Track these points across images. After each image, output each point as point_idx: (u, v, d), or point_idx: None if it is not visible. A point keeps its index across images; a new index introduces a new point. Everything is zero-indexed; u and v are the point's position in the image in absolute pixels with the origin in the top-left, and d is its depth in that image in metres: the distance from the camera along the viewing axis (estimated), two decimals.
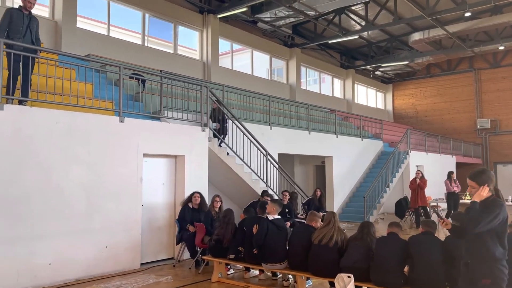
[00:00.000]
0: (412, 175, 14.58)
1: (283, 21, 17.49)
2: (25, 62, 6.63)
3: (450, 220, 4.43)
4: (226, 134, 10.20)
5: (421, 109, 27.32)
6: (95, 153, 7.09)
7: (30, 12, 6.90)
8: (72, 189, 6.78)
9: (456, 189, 13.11)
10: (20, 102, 6.63)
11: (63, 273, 6.57)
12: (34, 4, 6.91)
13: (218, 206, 8.08)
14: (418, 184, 13.01)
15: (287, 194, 9.81)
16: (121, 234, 7.36)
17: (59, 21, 12.14)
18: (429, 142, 20.00)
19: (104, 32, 13.54)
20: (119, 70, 7.82)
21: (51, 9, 12.32)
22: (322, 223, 5.96)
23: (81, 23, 12.72)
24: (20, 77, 6.62)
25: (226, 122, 10.26)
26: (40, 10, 12.19)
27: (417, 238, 5.08)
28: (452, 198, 13.04)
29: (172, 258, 8.38)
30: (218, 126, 9.87)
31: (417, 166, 17.54)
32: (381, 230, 9.30)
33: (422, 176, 13.20)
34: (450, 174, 13.40)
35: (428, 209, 13.38)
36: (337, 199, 15.29)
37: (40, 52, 7.26)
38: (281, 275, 6.69)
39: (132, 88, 9.92)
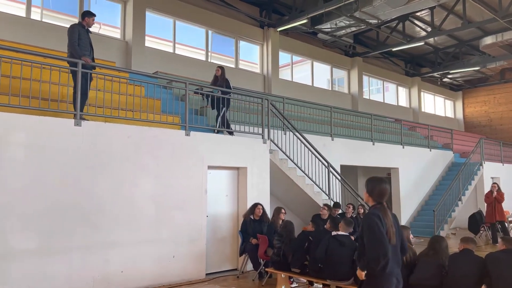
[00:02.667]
0: (487, 187, 13.64)
1: (343, 31, 17.28)
2: (87, 77, 6.95)
3: None
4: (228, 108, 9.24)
5: (495, 117, 25.55)
6: (163, 165, 7.41)
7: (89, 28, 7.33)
8: (142, 200, 7.12)
9: None
10: (80, 117, 6.84)
11: (134, 281, 6.88)
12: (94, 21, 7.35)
13: (283, 218, 8.04)
14: (495, 198, 12.14)
15: (350, 206, 9.57)
16: (187, 244, 7.58)
17: (129, 41, 12.92)
18: (505, 152, 18.60)
19: (170, 50, 14.20)
20: (185, 86, 8.15)
21: (123, 30, 13.16)
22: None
23: (149, 42, 13.45)
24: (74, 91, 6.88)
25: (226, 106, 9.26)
26: (112, 32, 13.09)
27: (496, 256, 4.73)
28: None
29: (236, 269, 8.47)
30: (219, 92, 9.09)
31: (492, 178, 16.35)
32: (453, 246, 8.77)
33: (499, 189, 12.30)
34: None
35: (506, 224, 12.41)
36: (405, 212, 14.64)
37: (95, 68, 7.48)
38: None
39: (197, 102, 10.28)
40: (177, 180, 7.55)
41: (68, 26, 7.29)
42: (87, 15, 7.27)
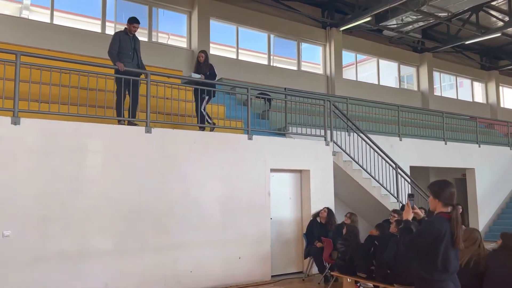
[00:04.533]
0: None
1: (411, 26, 16.58)
2: (134, 83, 7.16)
3: None
4: (210, 99, 8.37)
5: None
6: (227, 169, 7.63)
7: (134, 35, 7.46)
8: (208, 203, 7.38)
9: None
10: (130, 123, 7.17)
11: (202, 281, 7.15)
12: (138, 28, 7.48)
13: (348, 222, 7.87)
14: None
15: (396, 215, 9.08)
16: (253, 246, 7.73)
17: (195, 50, 13.44)
18: None
19: (234, 56, 14.56)
20: (247, 91, 8.33)
21: (189, 39, 13.73)
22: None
23: (213, 50, 13.90)
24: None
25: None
26: (179, 41, 13.71)
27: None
28: None
29: (301, 272, 8.47)
30: (203, 77, 8.18)
31: None
32: None
33: None
34: None
35: None
36: (483, 216, 13.69)
37: (141, 75, 7.56)
38: None
39: (259, 106, 10.45)
40: (241, 183, 7.74)
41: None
42: (128, 22, 7.41)
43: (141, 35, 12.66)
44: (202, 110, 8.02)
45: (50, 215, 5.95)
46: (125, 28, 7.49)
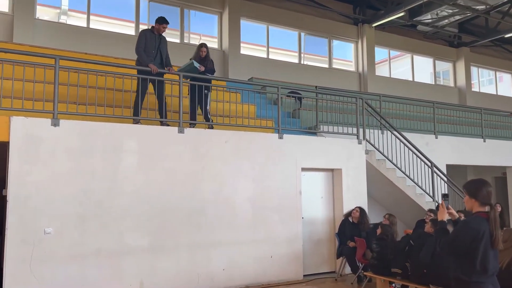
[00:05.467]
0: None
1: (446, 21, 16.09)
2: (159, 83, 7.19)
3: None
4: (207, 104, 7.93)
5: None
6: (258, 168, 7.65)
7: (160, 34, 7.44)
8: (240, 202, 7.44)
9: None
10: (162, 123, 7.24)
11: (235, 279, 7.21)
12: (166, 29, 7.46)
13: (387, 222, 7.67)
14: None
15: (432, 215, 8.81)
16: (284, 245, 7.72)
17: (226, 50, 13.57)
18: None
19: (264, 55, 14.58)
20: (277, 90, 8.33)
21: (219, 40, 13.86)
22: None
23: (244, 49, 13.97)
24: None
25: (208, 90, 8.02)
26: (210, 42, 13.84)
27: None
28: None
29: (333, 272, 8.40)
30: (203, 68, 7.82)
31: None
32: None
33: None
34: None
35: None
36: None
37: (164, 74, 7.55)
38: None
39: (290, 105, 10.41)
40: (272, 182, 7.74)
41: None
42: (157, 22, 7.43)
43: (173, 37, 12.92)
44: (207, 107, 7.88)
45: (88, 214, 6.17)
46: (152, 27, 7.53)
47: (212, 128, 7.79)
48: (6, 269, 5.58)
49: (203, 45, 8.14)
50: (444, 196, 3.77)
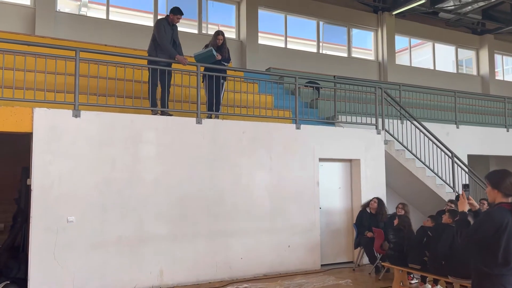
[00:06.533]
0: None
1: (470, 7, 15.65)
2: (166, 72, 7.19)
3: None
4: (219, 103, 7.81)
5: None
6: (276, 158, 7.67)
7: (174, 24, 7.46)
8: (258, 192, 7.48)
9: None
10: (163, 113, 7.25)
11: (253, 268, 7.29)
12: (180, 20, 7.46)
13: (401, 213, 7.63)
14: None
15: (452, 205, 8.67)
16: (302, 235, 7.76)
17: (244, 40, 13.54)
18: None
19: (282, 45, 14.49)
20: (294, 80, 8.29)
21: (237, 30, 13.83)
22: None
23: (262, 39, 13.89)
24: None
25: (222, 87, 7.94)
26: (228, 32, 13.82)
27: None
28: None
29: (351, 262, 8.40)
30: (219, 56, 7.76)
31: None
32: None
33: None
34: None
35: None
36: None
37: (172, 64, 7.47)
38: None
39: (308, 95, 10.36)
40: (289, 173, 7.76)
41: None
42: (172, 12, 7.43)
43: (191, 27, 12.95)
44: (221, 97, 7.81)
45: (109, 203, 6.31)
46: (167, 16, 7.55)
47: (218, 117, 7.70)
48: (31, 255, 5.78)
49: (220, 33, 8.03)
50: (465, 187, 3.72)
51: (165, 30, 7.34)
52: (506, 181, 3.24)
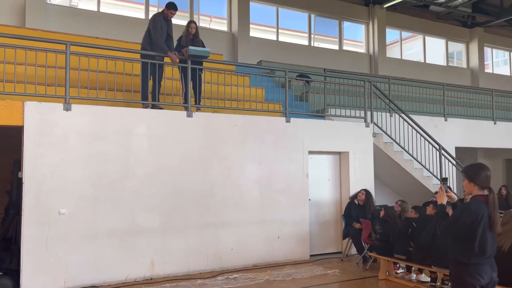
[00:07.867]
0: None
1: (460, 0, 15.76)
2: (159, 66, 7.26)
3: None
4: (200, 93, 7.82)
5: None
6: (266, 151, 7.78)
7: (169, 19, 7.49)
8: (248, 184, 7.59)
9: None
10: (154, 106, 7.27)
11: (243, 259, 7.42)
12: (174, 15, 7.52)
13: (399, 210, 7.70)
14: None
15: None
16: (291, 226, 7.90)
17: (235, 33, 13.55)
18: None
19: (274, 37, 14.52)
20: (285, 74, 8.37)
21: (229, 22, 13.83)
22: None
23: (253, 31, 13.91)
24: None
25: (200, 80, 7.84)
26: (220, 24, 13.83)
27: None
28: None
29: (340, 252, 8.57)
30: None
31: None
32: None
33: None
34: None
35: None
36: None
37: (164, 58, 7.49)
38: (439, 282, 6.19)
39: (298, 88, 10.44)
40: (279, 165, 7.87)
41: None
42: (167, 7, 7.50)
43: (183, 18, 12.90)
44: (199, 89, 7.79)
45: (101, 195, 6.38)
46: (163, 11, 7.59)
47: (199, 110, 7.70)
48: (23, 247, 5.85)
49: (192, 21, 8.01)
50: (443, 180, 3.86)
51: (161, 25, 7.39)
52: (482, 174, 3.38)
